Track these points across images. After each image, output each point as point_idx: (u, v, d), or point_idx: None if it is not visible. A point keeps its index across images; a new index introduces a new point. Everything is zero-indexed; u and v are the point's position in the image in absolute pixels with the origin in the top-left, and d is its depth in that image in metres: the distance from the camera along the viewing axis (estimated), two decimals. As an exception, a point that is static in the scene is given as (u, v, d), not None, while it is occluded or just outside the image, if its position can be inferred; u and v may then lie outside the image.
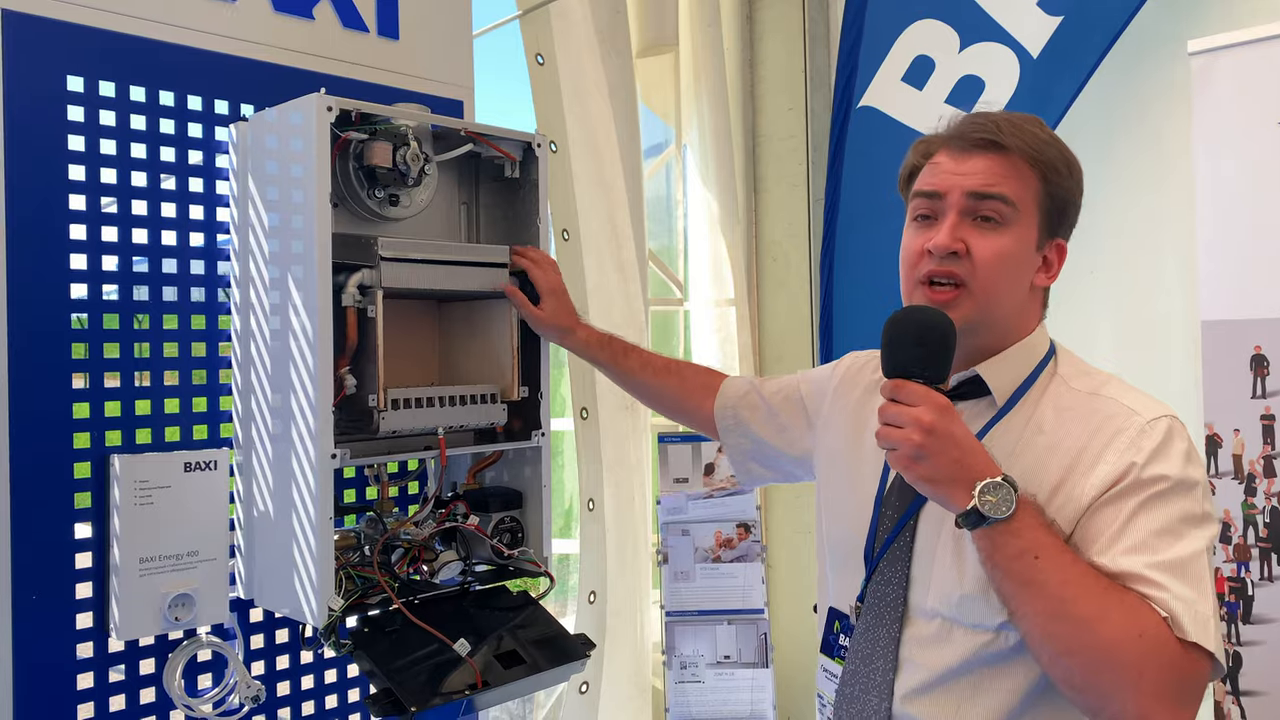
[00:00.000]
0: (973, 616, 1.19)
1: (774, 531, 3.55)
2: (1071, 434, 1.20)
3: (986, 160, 1.24)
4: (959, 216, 1.23)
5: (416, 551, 1.61)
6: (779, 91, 3.64)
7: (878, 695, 1.24)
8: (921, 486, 1.14)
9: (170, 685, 1.53)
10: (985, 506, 1.08)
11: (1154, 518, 1.11)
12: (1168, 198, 2.63)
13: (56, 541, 1.44)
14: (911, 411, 1.12)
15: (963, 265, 1.22)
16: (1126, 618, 1.05)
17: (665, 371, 1.75)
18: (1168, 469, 1.13)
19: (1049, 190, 1.25)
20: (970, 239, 1.22)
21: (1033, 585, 1.08)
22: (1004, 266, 1.23)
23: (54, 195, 1.44)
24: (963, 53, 2.60)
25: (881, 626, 1.26)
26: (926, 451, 1.11)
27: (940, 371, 1.17)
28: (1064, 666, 1.08)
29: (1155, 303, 2.67)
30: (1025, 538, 1.08)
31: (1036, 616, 1.08)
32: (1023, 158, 1.23)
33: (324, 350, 1.44)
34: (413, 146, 1.57)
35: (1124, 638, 1.04)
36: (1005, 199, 1.22)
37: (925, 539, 1.25)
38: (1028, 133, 1.25)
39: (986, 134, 1.24)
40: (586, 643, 1.68)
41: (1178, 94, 2.54)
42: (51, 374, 1.44)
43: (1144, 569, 1.08)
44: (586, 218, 2.90)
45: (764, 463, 1.64)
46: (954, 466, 1.11)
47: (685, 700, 2.92)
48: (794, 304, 3.60)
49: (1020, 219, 1.23)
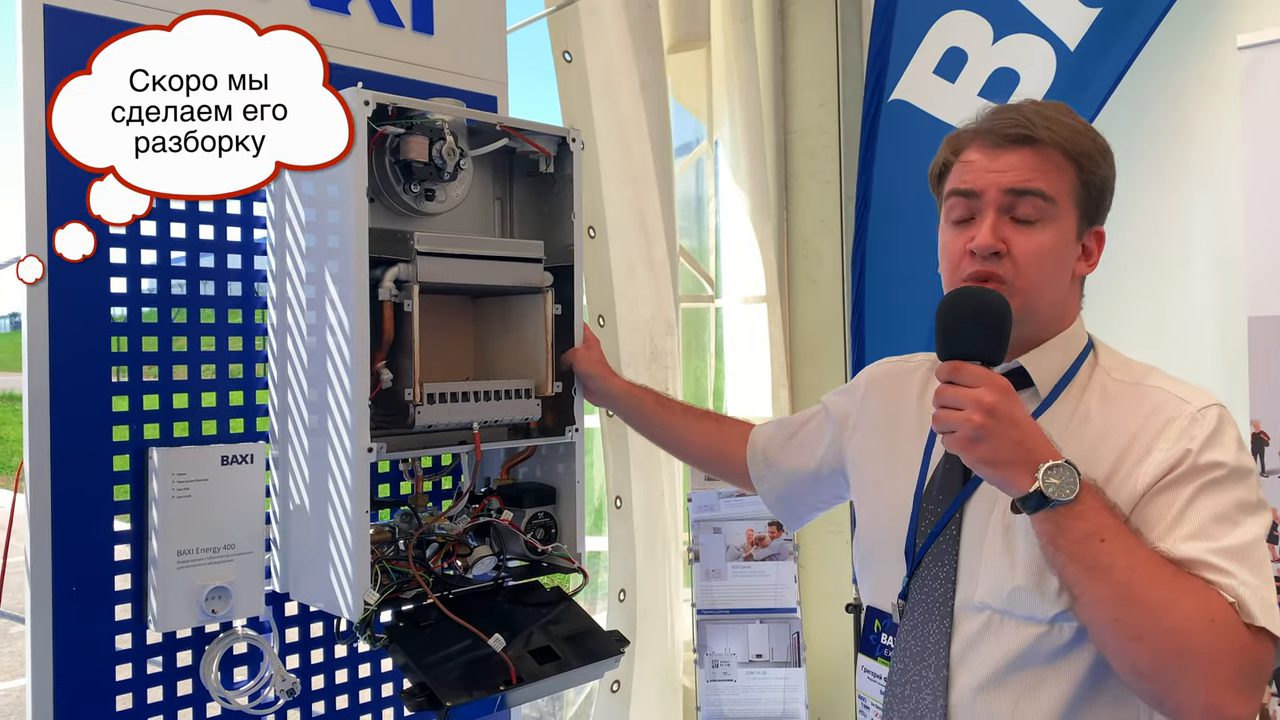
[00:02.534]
0: (1025, 608, 1.17)
1: (806, 531, 3.52)
2: (1120, 423, 1.19)
3: (1020, 155, 1.22)
4: (997, 214, 1.22)
5: (451, 546, 1.61)
6: (811, 86, 3.61)
7: (931, 693, 1.22)
8: (981, 469, 1.12)
9: (207, 677, 1.54)
10: (1050, 489, 1.06)
11: (1211, 504, 1.10)
12: (1205, 192, 2.59)
13: (96, 533, 1.45)
14: (972, 393, 1.10)
15: (1004, 265, 1.21)
16: (1196, 603, 1.04)
17: (706, 418, 1.75)
18: (1223, 456, 1.12)
19: (1085, 179, 1.24)
20: (1010, 237, 1.21)
21: (1098, 569, 1.06)
22: (1046, 263, 1.22)
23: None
24: (996, 44, 2.57)
25: (930, 623, 1.24)
26: (987, 433, 1.09)
27: (998, 353, 1.15)
28: (1130, 653, 1.06)
29: (1190, 299, 2.63)
30: (1090, 520, 1.06)
31: (1102, 601, 1.06)
32: (1057, 150, 1.22)
33: (360, 344, 1.44)
34: (448, 141, 1.57)
35: (1194, 623, 1.03)
36: (1043, 194, 1.21)
37: (972, 532, 1.24)
38: (1060, 123, 1.23)
39: (1019, 128, 1.22)
40: (620, 639, 1.67)
41: (1217, 87, 2.50)
42: (91, 367, 1.46)
43: (1207, 554, 1.07)
44: (617, 214, 2.89)
45: (802, 497, 1.62)
46: (1015, 448, 1.09)
47: (717, 699, 2.90)
48: (826, 300, 3.57)
49: (1059, 212, 1.22)
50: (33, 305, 1.41)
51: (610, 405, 1.79)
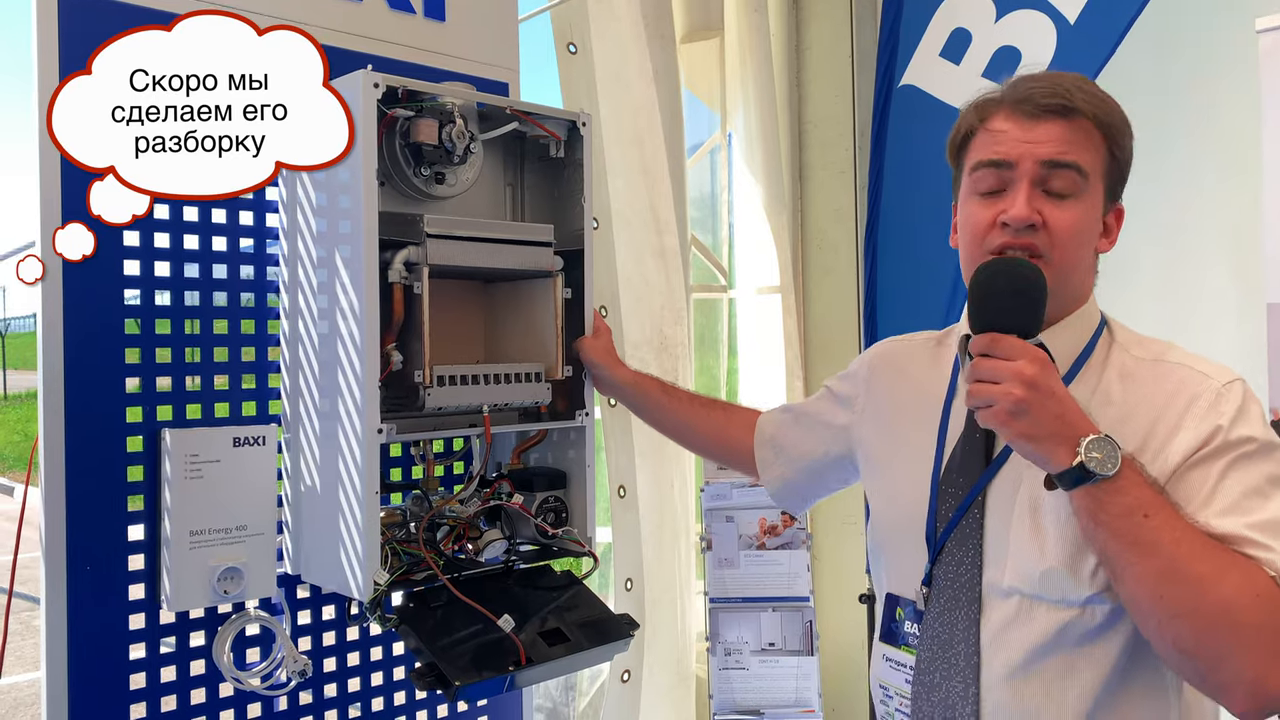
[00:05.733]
0: (1056, 591, 1.15)
1: (819, 522, 3.52)
2: (1143, 401, 1.17)
3: (1058, 127, 1.19)
4: (1031, 186, 1.19)
5: (461, 529, 1.62)
6: (825, 76, 3.60)
7: (962, 681, 1.20)
8: (1019, 444, 1.10)
9: (219, 658, 1.55)
10: (1092, 463, 1.04)
11: (1243, 478, 1.09)
12: (1224, 177, 2.57)
13: (110, 514, 1.47)
14: (1011, 365, 1.08)
15: (1040, 237, 1.18)
16: (1242, 577, 1.02)
17: (712, 406, 1.74)
18: (1253, 430, 1.12)
19: (1114, 155, 1.22)
20: (1046, 210, 1.18)
21: (1142, 544, 1.04)
22: (1081, 238, 1.20)
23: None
24: (999, 22, 2.55)
25: (958, 609, 1.22)
26: (1028, 406, 1.07)
27: (1035, 326, 1.13)
28: (1175, 629, 1.04)
29: (1208, 285, 2.61)
30: (1133, 495, 1.05)
31: (1147, 577, 1.04)
32: (1092, 122, 1.19)
33: (371, 326, 1.45)
34: (458, 124, 1.58)
35: (1241, 598, 1.01)
36: (1079, 168, 1.19)
37: (997, 516, 1.22)
38: (1093, 95, 1.21)
39: (1057, 97, 1.19)
40: (630, 623, 1.67)
41: (1236, 71, 2.48)
42: (105, 349, 1.47)
43: (1245, 529, 1.06)
44: (627, 204, 2.88)
45: (808, 483, 1.60)
46: (1056, 422, 1.07)
47: (729, 687, 2.90)
48: (840, 291, 3.56)
49: (1090, 187, 1.20)
50: (47, 291, 1.42)
51: (616, 394, 1.78)
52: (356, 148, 1.43)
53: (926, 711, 1.24)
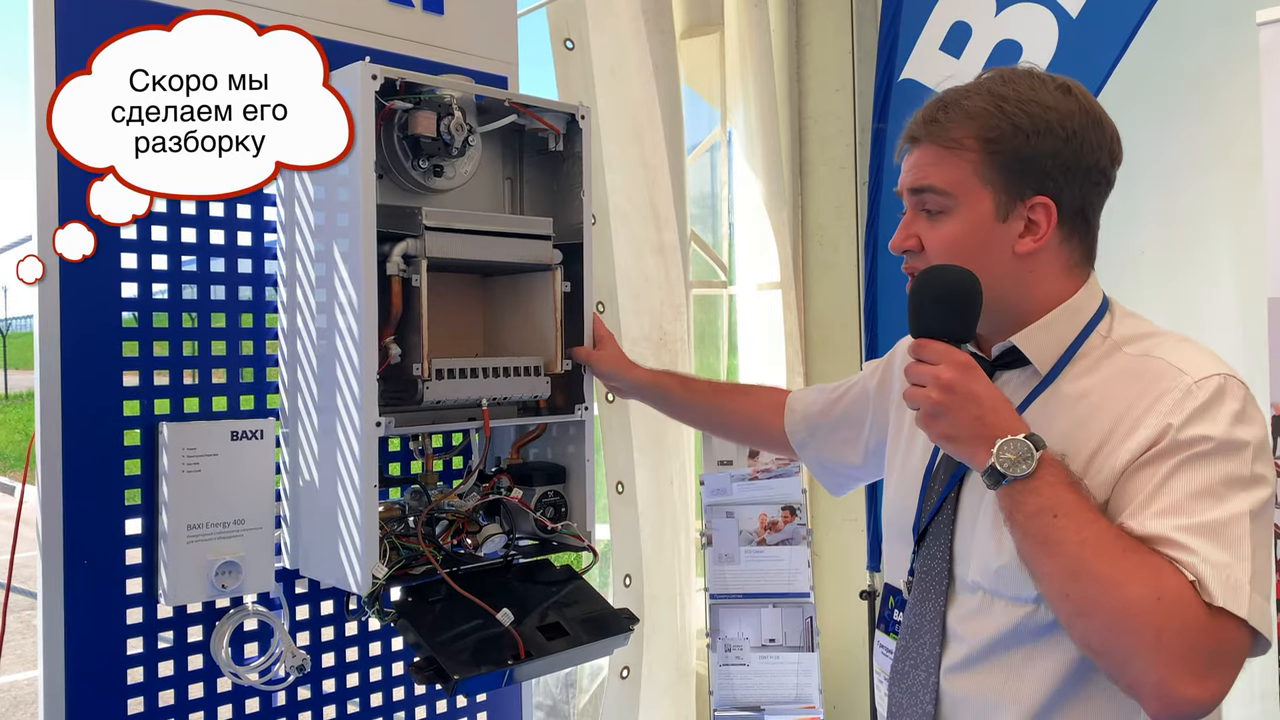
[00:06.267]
0: (1011, 588, 1.16)
1: (820, 519, 3.51)
2: (1114, 396, 1.16)
3: (917, 153, 1.24)
4: (913, 213, 1.25)
5: (460, 524, 1.61)
6: (826, 72, 3.59)
7: (925, 670, 1.24)
8: (944, 445, 1.14)
9: (217, 652, 1.54)
10: (1004, 464, 1.07)
11: (1191, 480, 1.06)
12: (1227, 173, 2.55)
13: (108, 507, 1.46)
14: (932, 369, 1.12)
15: (921, 259, 1.24)
16: (1146, 579, 1.01)
17: (735, 392, 1.77)
18: (1210, 429, 1.08)
19: (998, 156, 1.19)
20: (922, 232, 1.24)
21: (1049, 544, 1.05)
22: (957, 250, 1.21)
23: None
24: (999, 16, 2.53)
25: (928, 601, 1.25)
26: (945, 408, 1.11)
27: (963, 330, 1.16)
28: (1081, 628, 1.05)
29: (1213, 280, 2.60)
30: (1045, 495, 1.06)
31: (1053, 576, 1.06)
32: (955, 137, 1.20)
33: (369, 319, 1.44)
34: (457, 116, 1.57)
35: (1141, 599, 1.00)
36: (934, 189, 1.22)
37: (967, 512, 1.24)
38: (959, 107, 1.20)
39: (913, 125, 1.25)
40: (630, 617, 1.67)
41: (1237, 66, 2.47)
42: (103, 342, 1.46)
43: (1172, 532, 1.04)
44: (627, 199, 2.87)
45: (841, 464, 1.63)
46: (974, 424, 1.09)
47: (729, 683, 2.89)
48: (841, 287, 3.55)
49: (961, 200, 1.20)
50: (45, 289, 1.42)
51: (637, 397, 1.82)
52: (356, 147, 1.42)
53: (897, 697, 1.28)
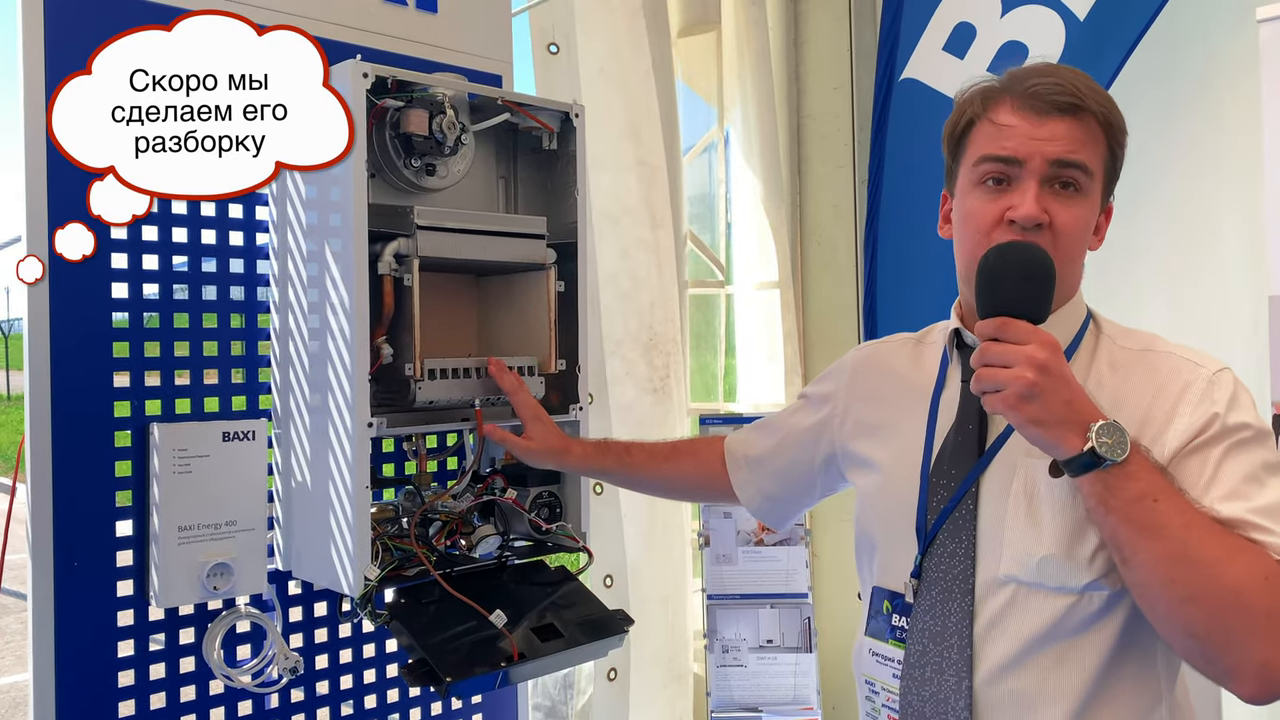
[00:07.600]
0: (1055, 578, 1.15)
1: (818, 519, 3.50)
2: (1135, 390, 1.18)
3: (1065, 124, 1.18)
4: (1040, 185, 1.18)
5: (454, 525, 1.60)
6: (824, 70, 3.58)
7: (955, 675, 1.19)
8: (1028, 429, 1.09)
9: (209, 655, 1.53)
10: (1103, 448, 1.04)
11: (1240, 464, 1.10)
12: (1230, 171, 2.54)
13: (98, 509, 1.45)
14: (1023, 349, 1.07)
15: (1045, 236, 1.18)
16: (1250, 561, 1.04)
17: (675, 454, 1.65)
18: (1247, 417, 1.13)
19: (1113, 154, 1.22)
20: (1052, 208, 1.18)
21: (1152, 529, 1.05)
22: (1083, 237, 1.21)
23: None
24: (1005, 17, 2.53)
25: (950, 602, 1.21)
26: (1040, 391, 1.06)
27: (1043, 312, 1.12)
28: (1186, 613, 1.05)
29: (1216, 279, 2.58)
30: (1143, 480, 1.05)
31: (1158, 562, 1.05)
32: (1097, 121, 1.19)
33: (360, 319, 1.43)
34: (449, 114, 1.56)
35: (1251, 581, 1.03)
36: (1085, 167, 1.18)
37: (991, 506, 1.21)
38: (1097, 92, 1.20)
39: (1068, 95, 1.18)
40: (625, 619, 1.66)
41: (1241, 64, 2.45)
42: (93, 343, 1.45)
43: (1247, 514, 1.07)
44: (615, 199, 2.86)
45: (787, 492, 1.55)
46: (1066, 408, 1.06)
47: (727, 684, 2.89)
48: (839, 287, 3.54)
49: (1093, 186, 1.20)
50: (38, 288, 1.41)
51: (579, 472, 1.69)
52: (355, 125, 1.41)
53: (916, 706, 1.22)
